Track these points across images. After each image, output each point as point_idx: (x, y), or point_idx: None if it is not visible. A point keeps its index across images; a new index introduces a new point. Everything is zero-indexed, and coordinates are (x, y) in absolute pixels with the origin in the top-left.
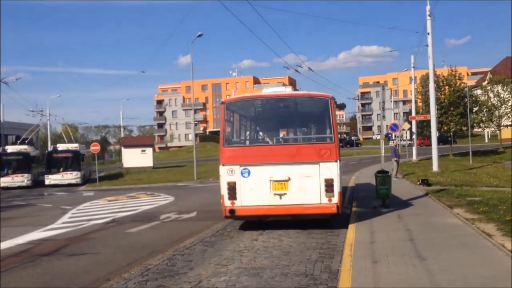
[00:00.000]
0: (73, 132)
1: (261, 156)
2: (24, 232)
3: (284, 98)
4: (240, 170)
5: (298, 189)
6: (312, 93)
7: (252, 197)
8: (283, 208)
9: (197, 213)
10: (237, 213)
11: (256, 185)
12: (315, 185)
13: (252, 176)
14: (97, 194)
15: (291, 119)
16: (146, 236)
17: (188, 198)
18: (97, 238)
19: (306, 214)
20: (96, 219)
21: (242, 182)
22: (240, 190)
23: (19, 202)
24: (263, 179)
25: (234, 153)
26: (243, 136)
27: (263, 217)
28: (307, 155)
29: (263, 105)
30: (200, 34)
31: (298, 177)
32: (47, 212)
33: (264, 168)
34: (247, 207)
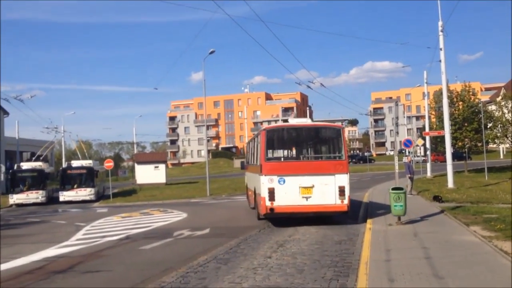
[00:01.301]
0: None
1: (292, 169)
2: (39, 249)
3: (308, 127)
4: (278, 179)
5: (319, 193)
6: (328, 124)
7: (286, 199)
8: (308, 207)
9: (210, 230)
10: (276, 210)
11: (289, 190)
12: (332, 191)
13: (286, 184)
14: (111, 211)
15: (313, 142)
16: (160, 253)
17: (201, 214)
18: (111, 255)
19: (325, 211)
20: (110, 235)
21: (279, 188)
22: (277, 194)
23: (33, 219)
24: (294, 185)
25: (273, 167)
26: (278, 154)
27: (293, 214)
28: (325, 168)
29: (293, 132)
30: (212, 51)
31: (319, 184)
32: (61, 229)
33: (295, 178)
34: (283, 206)
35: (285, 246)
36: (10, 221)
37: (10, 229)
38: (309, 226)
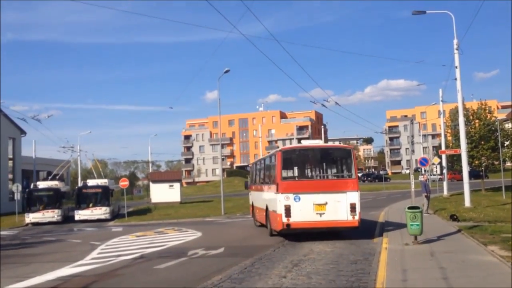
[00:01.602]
0: (102, 167)
1: (307, 187)
2: (54, 268)
3: (321, 148)
4: (293, 197)
5: (332, 210)
6: (340, 145)
7: (301, 215)
8: (322, 223)
9: (225, 249)
10: (292, 226)
11: (304, 207)
12: (343, 207)
13: (301, 201)
14: (126, 230)
15: (326, 162)
16: (174, 272)
17: (215, 233)
18: (126, 274)
19: (338, 227)
20: (124, 255)
21: (294, 205)
22: (293, 211)
23: (49, 238)
24: (308, 203)
25: (289, 185)
26: (293, 173)
27: (308, 229)
28: (337, 186)
29: (307, 152)
30: (227, 70)
31: (332, 201)
32: (76, 248)
33: (309, 196)
34: (298, 222)
35: (300, 266)
36: (26, 240)
37: (26, 248)
38: (324, 245)
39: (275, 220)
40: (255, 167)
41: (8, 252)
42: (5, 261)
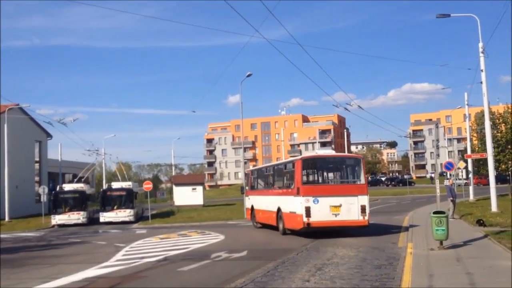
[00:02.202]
0: (126, 170)
1: (324, 191)
2: (80, 269)
3: (335, 157)
4: (312, 199)
5: (345, 211)
6: (351, 155)
7: (319, 215)
8: (337, 222)
9: (248, 252)
10: (311, 225)
11: (321, 208)
12: (355, 209)
13: (319, 203)
14: (150, 232)
15: (339, 169)
16: (197, 275)
17: (238, 236)
18: (150, 276)
19: (350, 225)
20: (148, 257)
21: (313, 206)
22: (312, 211)
23: (75, 239)
24: (325, 204)
25: (309, 189)
26: (312, 179)
27: (325, 227)
28: (350, 191)
29: (323, 161)
30: (249, 74)
31: (345, 203)
32: (101, 250)
33: (326, 198)
34: (317, 221)
35: (324, 270)
36: (53, 241)
37: (52, 249)
38: (348, 250)
39: (295, 220)
40: (257, 173)
41: (35, 253)
42: (32, 262)
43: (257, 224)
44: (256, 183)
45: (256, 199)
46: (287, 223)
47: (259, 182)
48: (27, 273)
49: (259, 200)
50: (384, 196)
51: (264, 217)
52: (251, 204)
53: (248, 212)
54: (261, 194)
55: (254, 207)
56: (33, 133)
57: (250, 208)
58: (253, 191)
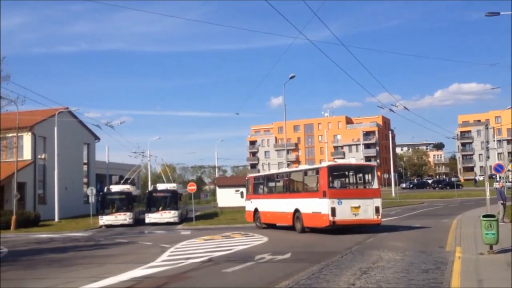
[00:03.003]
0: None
1: (346, 194)
2: (127, 269)
3: (354, 165)
4: (337, 201)
5: (363, 211)
6: (366, 164)
7: (342, 215)
8: (356, 220)
9: (291, 255)
10: (336, 223)
11: (344, 209)
12: (371, 209)
13: (342, 204)
14: (194, 233)
15: (357, 175)
16: (241, 276)
17: (281, 238)
18: (195, 277)
19: (366, 224)
20: (193, 258)
21: (337, 207)
22: (337, 211)
23: (121, 240)
24: (347, 206)
25: (334, 193)
26: (336, 184)
27: (347, 225)
28: (366, 194)
29: (344, 168)
30: (292, 75)
31: (363, 205)
32: (147, 250)
33: (348, 200)
34: (340, 220)
35: (369, 273)
36: (100, 242)
37: (100, 249)
38: (394, 253)
39: (320, 219)
40: (264, 179)
41: (84, 253)
42: (81, 262)
43: (262, 224)
44: (262, 188)
45: (262, 202)
46: (308, 222)
47: (266, 187)
48: (76, 272)
49: (267, 203)
50: (431, 199)
51: (274, 218)
52: (254, 207)
53: (250, 214)
54: (271, 197)
55: (258, 210)
56: (81, 136)
57: (253, 211)
58: (257, 195)
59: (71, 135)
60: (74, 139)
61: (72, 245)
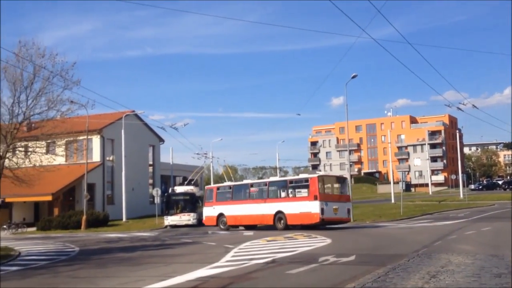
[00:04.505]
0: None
1: (330, 198)
2: (192, 268)
3: (336, 176)
4: (325, 203)
5: (339, 211)
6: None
7: (328, 213)
8: (336, 218)
9: (356, 257)
10: (325, 219)
11: (329, 209)
12: (345, 210)
13: (328, 206)
14: (256, 234)
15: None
16: (306, 278)
17: (345, 240)
18: (259, 278)
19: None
20: (257, 258)
21: (325, 207)
22: (325, 211)
23: (186, 240)
24: (330, 207)
25: (323, 196)
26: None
27: (331, 221)
28: (343, 199)
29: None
30: (354, 75)
31: (340, 207)
32: (212, 250)
33: (331, 203)
34: (327, 217)
35: (438, 278)
36: (166, 241)
37: (166, 249)
38: (464, 257)
39: (311, 217)
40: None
41: (151, 252)
42: (148, 261)
43: (227, 226)
44: (228, 196)
45: (229, 207)
46: (294, 221)
47: (234, 195)
48: (144, 271)
49: (236, 208)
50: (502, 201)
51: (247, 220)
52: (219, 212)
53: (212, 218)
54: (242, 203)
55: (224, 214)
56: (147, 138)
57: (217, 216)
58: (222, 202)
59: (137, 137)
60: (140, 141)
61: (139, 244)
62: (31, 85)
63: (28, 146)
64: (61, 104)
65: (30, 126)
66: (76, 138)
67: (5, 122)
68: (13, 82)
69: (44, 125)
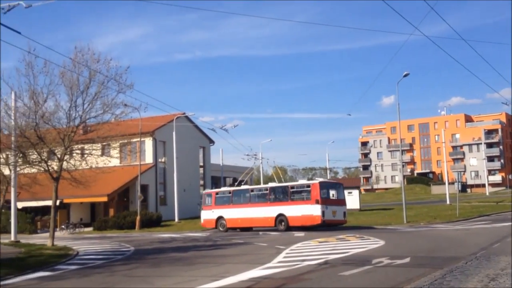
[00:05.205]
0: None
1: (329, 202)
2: (244, 269)
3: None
4: (325, 207)
5: (338, 214)
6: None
7: (328, 215)
8: (334, 220)
9: (411, 259)
10: (326, 221)
11: (329, 212)
12: (342, 213)
13: (328, 209)
14: (308, 235)
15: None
16: (360, 280)
17: (399, 242)
18: (312, 279)
19: (338, 223)
20: (309, 260)
21: (325, 211)
22: (325, 213)
23: (237, 240)
24: (330, 210)
25: (323, 201)
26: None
27: (331, 223)
28: (340, 203)
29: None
30: (406, 73)
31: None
32: (263, 251)
33: (331, 206)
34: (327, 219)
35: (498, 280)
36: (218, 242)
37: (218, 249)
38: None
39: (313, 219)
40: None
41: (203, 253)
42: (201, 261)
43: (226, 228)
44: (227, 200)
45: (229, 211)
46: (295, 222)
47: (233, 199)
48: (197, 271)
49: (236, 211)
50: None
51: (248, 222)
52: (218, 215)
53: (211, 221)
54: (244, 206)
55: (224, 217)
56: (197, 140)
57: (216, 218)
58: (221, 205)
59: (188, 139)
60: (191, 142)
61: (191, 244)
62: (87, 89)
63: (84, 148)
64: (116, 107)
65: (86, 129)
66: (129, 140)
67: (62, 126)
68: (70, 87)
69: (99, 128)
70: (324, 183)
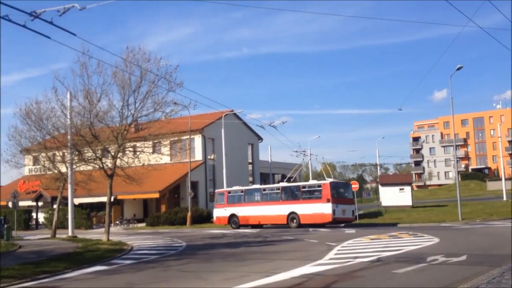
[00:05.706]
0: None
1: (339, 201)
2: (296, 265)
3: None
4: (336, 205)
5: (347, 212)
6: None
7: (338, 214)
8: (344, 218)
9: (467, 257)
10: (336, 219)
11: (339, 210)
12: (351, 211)
13: (338, 207)
14: (359, 232)
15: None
16: (414, 278)
17: (454, 240)
18: (365, 276)
19: (348, 221)
20: (361, 257)
21: (336, 209)
22: (336, 211)
23: (288, 237)
24: (340, 208)
25: (334, 200)
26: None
27: (340, 220)
28: (348, 202)
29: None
30: (460, 66)
31: (347, 208)
32: (314, 248)
33: (341, 205)
34: (337, 217)
35: None
36: (268, 238)
37: (268, 246)
38: None
39: (324, 217)
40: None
41: (254, 249)
42: (252, 257)
43: (238, 225)
44: (240, 199)
45: (242, 209)
46: (306, 220)
47: (246, 198)
48: (249, 267)
49: (249, 209)
50: None
51: (261, 219)
52: (230, 213)
53: (224, 218)
54: (257, 205)
55: (237, 215)
56: (246, 136)
57: (229, 216)
58: (234, 204)
59: (236, 136)
60: (240, 139)
61: (242, 240)
62: (138, 88)
63: (136, 146)
64: (166, 105)
65: (138, 128)
66: (179, 138)
67: (115, 124)
68: (122, 86)
69: (150, 126)
70: (335, 183)
